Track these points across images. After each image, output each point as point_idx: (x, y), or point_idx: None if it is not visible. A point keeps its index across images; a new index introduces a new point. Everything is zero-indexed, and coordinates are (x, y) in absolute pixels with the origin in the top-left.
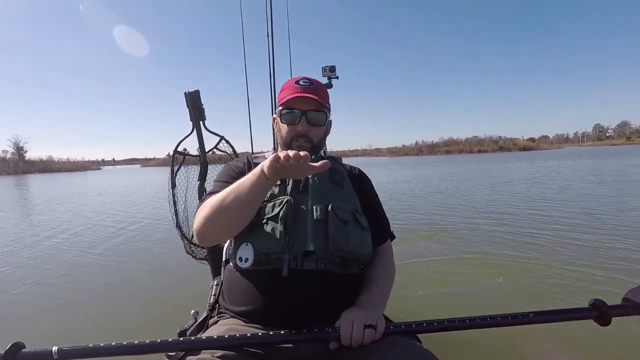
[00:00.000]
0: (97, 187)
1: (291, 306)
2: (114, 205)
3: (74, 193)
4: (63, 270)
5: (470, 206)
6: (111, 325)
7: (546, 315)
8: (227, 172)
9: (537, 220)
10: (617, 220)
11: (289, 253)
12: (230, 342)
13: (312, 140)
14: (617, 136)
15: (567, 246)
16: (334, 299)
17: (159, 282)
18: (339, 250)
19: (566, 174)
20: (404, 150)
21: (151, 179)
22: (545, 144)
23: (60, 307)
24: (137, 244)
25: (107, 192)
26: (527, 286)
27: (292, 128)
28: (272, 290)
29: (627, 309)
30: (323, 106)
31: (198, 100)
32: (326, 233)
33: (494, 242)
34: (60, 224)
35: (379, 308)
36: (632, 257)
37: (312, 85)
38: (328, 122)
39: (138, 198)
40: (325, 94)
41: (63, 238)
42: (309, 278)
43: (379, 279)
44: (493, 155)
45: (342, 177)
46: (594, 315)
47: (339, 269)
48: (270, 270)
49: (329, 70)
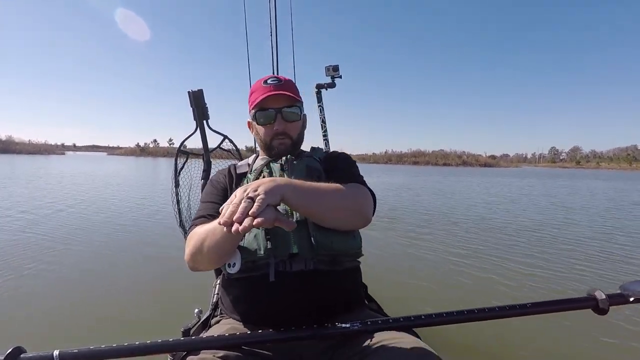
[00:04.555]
0: (91, 176)
1: (284, 309)
2: (113, 200)
3: (67, 179)
4: (64, 270)
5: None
6: (115, 326)
7: (544, 306)
8: (211, 192)
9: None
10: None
11: (274, 257)
12: (231, 341)
13: (291, 136)
14: (569, 159)
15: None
16: (328, 296)
17: (164, 280)
18: (324, 249)
19: (496, 189)
20: (374, 158)
21: (144, 172)
22: (505, 162)
23: (62, 309)
24: (141, 243)
25: (110, 184)
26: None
27: (269, 128)
28: (262, 294)
29: (623, 298)
30: (296, 101)
31: (202, 99)
32: (308, 234)
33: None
34: (59, 217)
35: (286, 186)
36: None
37: (281, 82)
38: (303, 116)
39: (136, 192)
40: (296, 89)
41: (61, 236)
42: (298, 279)
43: (331, 183)
44: (456, 168)
45: (319, 174)
46: (591, 305)
47: (328, 266)
48: (258, 276)
49: (332, 70)
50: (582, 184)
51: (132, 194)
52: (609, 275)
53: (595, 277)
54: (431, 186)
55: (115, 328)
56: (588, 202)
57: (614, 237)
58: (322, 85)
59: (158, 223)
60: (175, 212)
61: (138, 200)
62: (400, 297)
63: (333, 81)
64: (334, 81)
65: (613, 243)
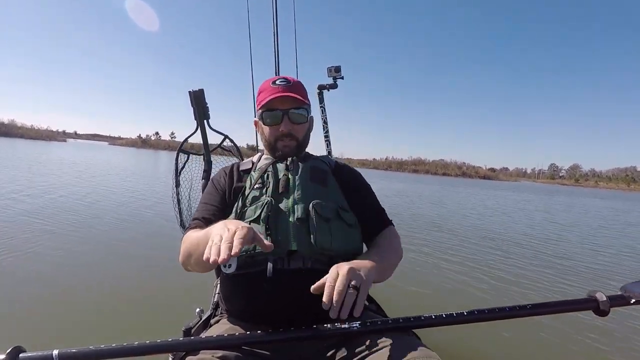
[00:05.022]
0: (96, 165)
1: (281, 306)
2: (113, 195)
3: (68, 167)
4: (64, 269)
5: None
6: (114, 326)
7: (545, 308)
8: (210, 192)
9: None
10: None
11: (273, 254)
12: (230, 341)
13: (297, 138)
14: (568, 177)
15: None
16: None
17: (165, 279)
18: (323, 248)
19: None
20: (374, 163)
21: (145, 164)
22: (504, 176)
23: (62, 307)
24: (142, 242)
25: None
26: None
27: (275, 129)
28: (260, 291)
29: (624, 299)
30: (304, 103)
31: (202, 99)
32: (308, 232)
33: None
34: (56, 212)
35: (371, 271)
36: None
37: (290, 83)
38: (310, 118)
39: (137, 186)
40: (304, 91)
41: (60, 233)
42: (295, 277)
43: (383, 246)
44: (455, 179)
45: (325, 175)
46: (592, 306)
47: (326, 266)
48: (256, 272)
49: (334, 71)
50: (578, 202)
51: (133, 186)
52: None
53: (574, 285)
54: (429, 195)
55: (115, 327)
56: (580, 220)
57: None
58: (324, 86)
59: (158, 220)
60: (176, 212)
61: (138, 194)
62: (400, 298)
63: (335, 82)
64: (336, 82)
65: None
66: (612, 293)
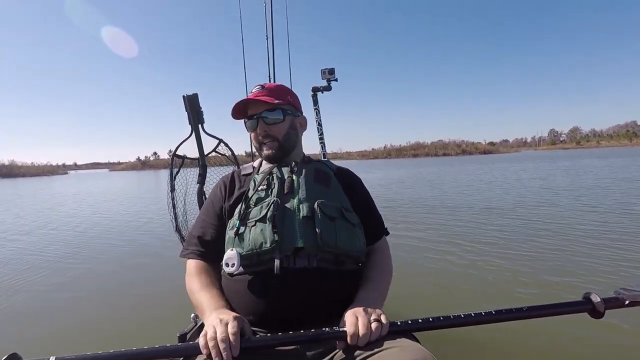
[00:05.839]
0: (95, 193)
1: (287, 305)
2: (108, 212)
3: (67, 197)
4: (60, 278)
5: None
6: (111, 332)
7: (540, 310)
8: (207, 207)
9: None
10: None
11: (279, 251)
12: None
13: (276, 138)
14: (569, 140)
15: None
16: (329, 295)
17: (159, 286)
18: (328, 245)
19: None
20: (374, 153)
21: (145, 183)
22: (505, 148)
23: (58, 315)
24: (136, 249)
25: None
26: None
27: (255, 134)
28: (266, 290)
29: (619, 301)
30: (278, 105)
31: (196, 103)
32: (314, 229)
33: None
34: (60, 231)
35: (378, 305)
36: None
37: (263, 88)
38: (293, 118)
39: (136, 201)
40: (280, 93)
41: (58, 246)
42: (301, 276)
43: (375, 277)
44: (455, 158)
45: (328, 177)
46: (587, 309)
47: (331, 265)
48: (262, 271)
49: (328, 73)
50: (578, 164)
51: (128, 205)
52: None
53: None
54: (423, 178)
55: (111, 334)
56: (573, 183)
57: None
58: (318, 88)
59: (152, 229)
60: (172, 217)
61: (131, 208)
62: (400, 299)
63: (329, 84)
64: (330, 84)
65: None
66: (605, 292)
